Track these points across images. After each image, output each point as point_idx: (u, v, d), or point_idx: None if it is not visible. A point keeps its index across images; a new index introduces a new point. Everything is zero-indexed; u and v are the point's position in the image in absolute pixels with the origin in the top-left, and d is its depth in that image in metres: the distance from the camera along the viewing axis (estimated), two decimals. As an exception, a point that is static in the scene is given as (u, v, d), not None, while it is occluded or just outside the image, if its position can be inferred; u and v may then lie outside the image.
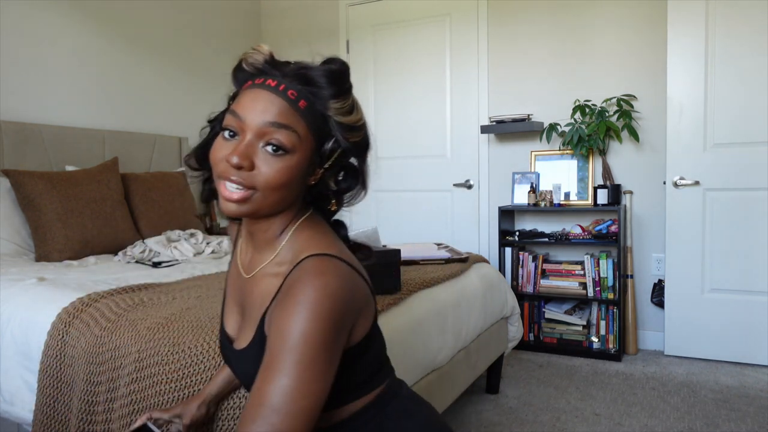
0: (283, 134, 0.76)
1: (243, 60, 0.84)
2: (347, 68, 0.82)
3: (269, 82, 0.79)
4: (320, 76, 0.80)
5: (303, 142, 0.78)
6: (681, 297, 3.00)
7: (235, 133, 0.78)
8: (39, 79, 2.85)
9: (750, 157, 2.85)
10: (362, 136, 0.84)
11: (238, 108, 0.78)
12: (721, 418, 2.28)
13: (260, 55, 0.84)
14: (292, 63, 0.83)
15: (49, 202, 2.42)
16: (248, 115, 0.77)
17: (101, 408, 1.34)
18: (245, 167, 0.76)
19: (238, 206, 0.78)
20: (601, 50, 3.26)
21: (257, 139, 0.77)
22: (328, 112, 0.80)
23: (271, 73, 0.81)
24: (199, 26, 3.80)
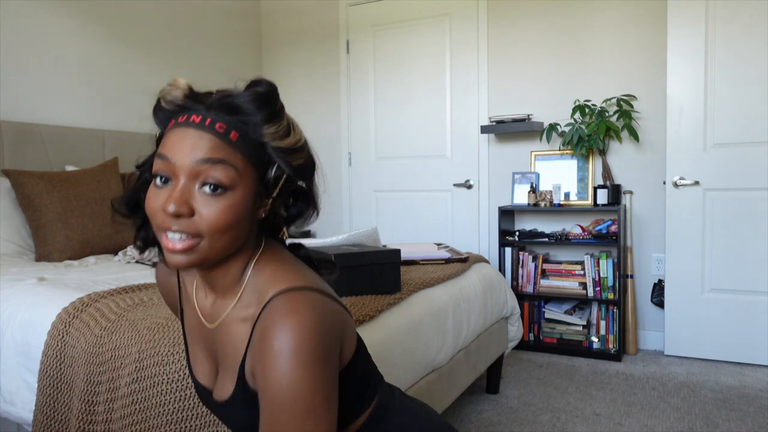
0: (219, 170, 0.70)
1: (161, 98, 0.76)
2: (275, 88, 0.76)
3: (194, 119, 0.72)
4: (247, 102, 0.73)
5: (243, 175, 0.72)
6: (681, 297, 3.01)
7: (167, 179, 0.71)
8: (39, 79, 2.85)
9: (750, 157, 2.85)
10: (305, 157, 0.78)
11: (165, 150, 0.71)
12: (721, 418, 2.28)
13: (178, 90, 0.76)
14: (215, 93, 0.76)
15: (49, 202, 2.42)
16: (177, 157, 0.70)
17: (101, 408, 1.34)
18: (184, 214, 0.69)
19: (186, 257, 0.71)
20: (601, 50, 3.26)
21: (192, 181, 0.70)
22: (263, 139, 0.73)
23: (194, 107, 0.74)
24: (199, 26, 3.80)
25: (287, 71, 4.26)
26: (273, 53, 4.32)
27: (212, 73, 3.91)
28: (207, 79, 3.91)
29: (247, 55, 4.22)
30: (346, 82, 4.04)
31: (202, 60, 3.82)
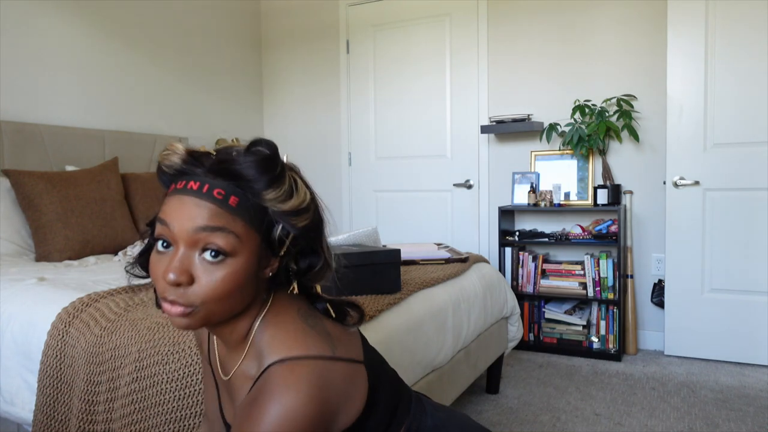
0: (219, 237, 0.69)
1: (162, 160, 0.75)
2: (275, 151, 0.73)
3: (191, 185, 0.71)
4: (247, 168, 0.70)
5: (244, 241, 0.70)
6: (681, 297, 3.01)
7: (168, 244, 0.71)
8: (39, 79, 2.85)
9: (750, 157, 2.85)
10: (311, 217, 0.75)
11: (165, 216, 0.71)
12: (721, 418, 2.28)
13: (175, 155, 0.73)
14: (214, 155, 0.73)
15: (49, 202, 2.42)
16: (176, 224, 0.69)
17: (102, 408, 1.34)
18: (183, 282, 0.69)
19: (185, 320, 0.71)
20: (601, 50, 3.26)
21: (191, 249, 0.69)
22: (264, 204, 0.72)
23: (192, 173, 0.72)
24: (199, 26, 3.80)
25: (287, 71, 4.26)
26: (273, 53, 4.32)
27: (212, 73, 3.91)
28: (207, 79, 3.92)
29: (247, 55, 4.22)
30: (346, 82, 4.04)
31: (202, 60, 3.82)
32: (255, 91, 4.31)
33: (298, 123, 4.24)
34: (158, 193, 2.95)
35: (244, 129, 4.19)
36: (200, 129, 3.82)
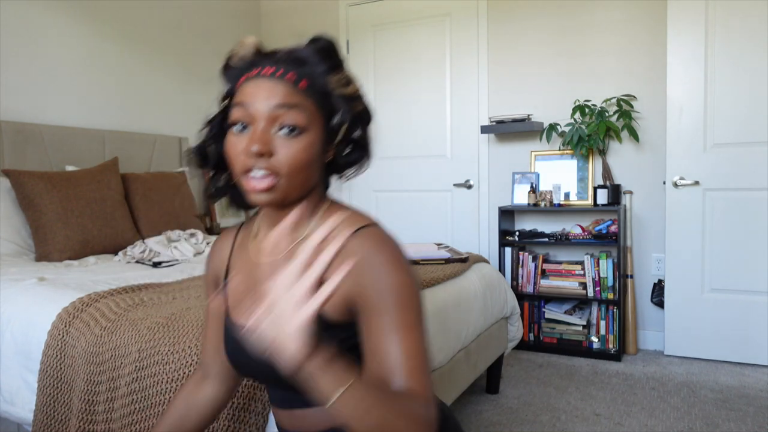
0: (294, 114, 0.77)
1: (231, 57, 0.84)
2: (335, 42, 0.84)
3: (266, 71, 0.79)
4: (312, 54, 0.80)
5: (313, 120, 0.79)
6: (681, 297, 3.01)
7: (245, 126, 0.79)
8: (39, 79, 2.85)
9: (750, 157, 2.85)
10: (363, 105, 0.85)
11: (242, 99, 0.79)
12: (721, 418, 2.28)
13: (249, 47, 0.83)
14: (279, 50, 0.83)
15: (49, 202, 2.42)
16: (255, 104, 0.77)
17: (102, 408, 1.34)
18: (266, 154, 0.76)
19: (268, 195, 0.78)
20: (601, 50, 3.26)
21: (270, 125, 0.77)
22: (327, 88, 0.81)
23: (263, 63, 0.80)
24: (199, 26, 3.80)
25: (287, 71, 4.26)
26: (273, 53, 4.31)
27: (212, 73, 3.90)
28: (207, 80, 3.93)
29: (247, 55, 4.22)
30: (346, 82, 4.03)
31: (202, 60, 3.82)
32: (255, 91, 4.31)
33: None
34: (158, 193, 2.95)
35: (244, 129, 4.19)
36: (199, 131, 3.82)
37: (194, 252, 2.58)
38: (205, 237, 2.80)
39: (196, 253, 2.58)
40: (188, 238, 2.72)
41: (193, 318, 1.41)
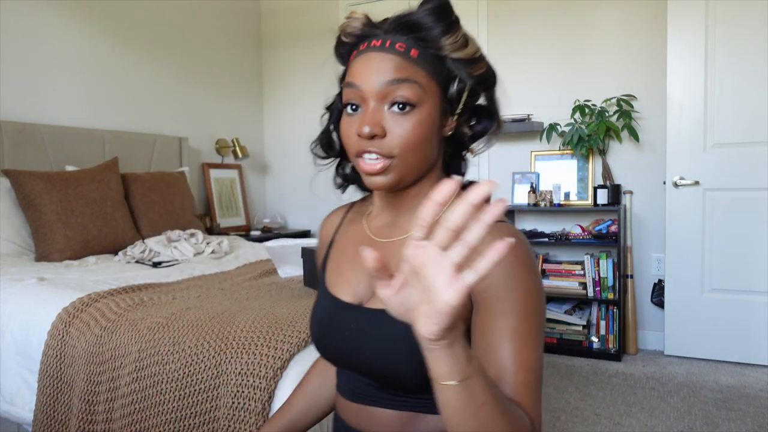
0: (405, 88, 0.72)
1: (341, 33, 0.79)
2: (448, 1, 0.76)
3: (374, 43, 0.75)
4: (424, 16, 0.74)
5: (427, 91, 0.73)
6: (681, 297, 3.00)
7: (357, 106, 0.75)
8: (39, 79, 2.85)
9: (750, 157, 2.85)
10: (485, 67, 0.77)
11: (351, 78, 0.75)
12: (721, 418, 2.28)
13: (356, 20, 0.78)
14: (390, 18, 0.78)
15: (49, 202, 2.42)
16: (364, 82, 0.73)
17: (102, 408, 1.34)
18: (378, 134, 0.72)
19: (384, 178, 0.74)
20: (601, 50, 3.26)
21: (381, 103, 0.73)
22: (442, 53, 0.74)
23: (373, 34, 0.76)
24: (199, 26, 3.80)
25: (287, 71, 4.26)
26: (273, 53, 4.32)
27: (212, 73, 3.91)
28: (207, 80, 3.92)
29: (247, 55, 4.22)
30: (346, 82, 4.03)
31: (202, 60, 3.82)
32: (255, 91, 4.31)
33: (298, 123, 4.24)
34: (158, 193, 2.95)
35: (244, 129, 4.19)
36: (200, 129, 3.82)
37: (194, 252, 2.58)
38: (205, 237, 2.80)
39: (196, 253, 2.58)
40: (188, 238, 2.72)
41: (193, 318, 1.41)
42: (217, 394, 1.19)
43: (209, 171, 3.82)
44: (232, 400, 1.16)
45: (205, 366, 1.22)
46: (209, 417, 1.18)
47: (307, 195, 4.23)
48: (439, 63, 0.75)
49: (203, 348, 1.25)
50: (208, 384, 1.20)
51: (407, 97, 0.72)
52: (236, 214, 3.96)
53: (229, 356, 1.21)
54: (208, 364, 1.22)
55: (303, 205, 4.27)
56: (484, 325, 0.69)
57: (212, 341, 1.27)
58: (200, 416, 1.19)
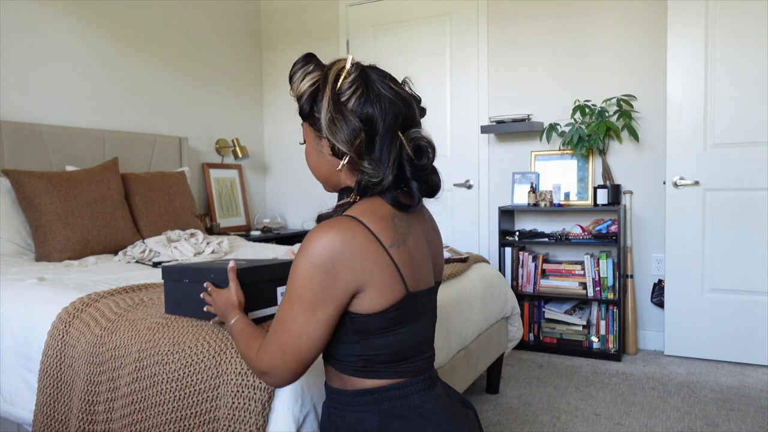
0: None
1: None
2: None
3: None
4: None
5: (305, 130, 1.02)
6: (681, 297, 3.01)
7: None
8: (39, 79, 2.85)
9: (750, 157, 2.85)
10: (301, 99, 1.00)
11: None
12: (721, 418, 2.28)
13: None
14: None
15: (49, 202, 2.42)
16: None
17: (102, 408, 1.34)
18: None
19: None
20: (601, 50, 3.26)
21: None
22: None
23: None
24: (199, 26, 3.80)
25: (287, 71, 4.25)
26: (273, 53, 4.32)
27: (212, 73, 3.91)
28: (207, 80, 3.93)
29: (247, 55, 4.22)
30: (346, 82, 4.03)
31: (202, 60, 3.82)
32: (255, 91, 4.32)
33: (298, 123, 4.23)
34: (158, 193, 2.95)
35: (244, 129, 4.19)
36: (200, 129, 3.82)
37: (194, 252, 2.58)
38: (205, 237, 2.80)
39: (196, 253, 2.58)
40: (188, 238, 2.72)
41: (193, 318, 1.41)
42: (217, 394, 1.19)
43: (209, 171, 3.82)
44: (232, 400, 1.16)
45: (205, 366, 1.22)
46: (209, 417, 1.18)
47: (306, 195, 4.23)
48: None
49: (203, 348, 1.25)
50: (208, 384, 1.20)
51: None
52: (236, 214, 3.96)
53: (229, 356, 1.21)
54: (208, 364, 1.22)
55: (303, 205, 4.27)
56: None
57: (212, 341, 1.27)
58: (200, 416, 1.19)
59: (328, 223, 0.89)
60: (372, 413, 0.92)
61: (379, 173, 0.91)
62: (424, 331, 0.99)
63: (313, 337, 0.88)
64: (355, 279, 0.87)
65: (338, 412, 0.96)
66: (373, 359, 0.92)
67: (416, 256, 0.95)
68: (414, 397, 0.94)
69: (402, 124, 0.95)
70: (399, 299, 0.91)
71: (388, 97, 0.94)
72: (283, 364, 0.90)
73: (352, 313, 0.90)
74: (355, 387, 0.94)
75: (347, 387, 0.95)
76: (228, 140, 3.97)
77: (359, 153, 0.92)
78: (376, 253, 0.88)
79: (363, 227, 0.89)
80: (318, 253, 0.86)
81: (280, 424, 1.14)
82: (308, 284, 0.86)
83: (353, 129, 0.90)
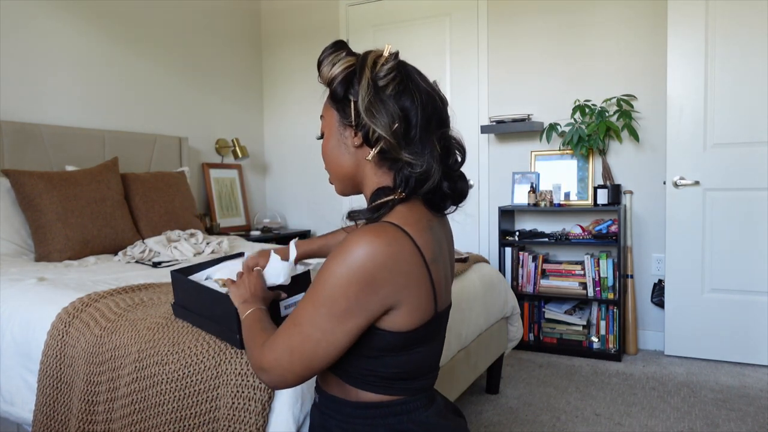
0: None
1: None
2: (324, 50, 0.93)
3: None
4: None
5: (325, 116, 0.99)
6: (681, 297, 3.00)
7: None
8: (39, 79, 2.85)
9: (750, 157, 2.85)
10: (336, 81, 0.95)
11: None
12: (721, 418, 2.28)
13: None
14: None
15: (49, 202, 2.42)
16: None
17: (101, 408, 1.34)
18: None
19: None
20: (601, 50, 3.26)
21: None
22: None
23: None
24: (199, 26, 3.80)
25: (287, 71, 4.26)
26: (273, 53, 4.32)
27: (212, 73, 3.91)
28: (207, 79, 3.92)
29: (247, 55, 4.22)
30: (346, 82, 4.03)
31: (202, 60, 3.82)
32: (255, 91, 4.31)
33: (298, 123, 4.24)
34: (158, 193, 2.95)
35: (244, 129, 4.19)
36: (200, 129, 3.82)
37: (194, 252, 2.58)
38: (205, 237, 2.80)
39: (196, 253, 2.58)
40: (188, 238, 2.72)
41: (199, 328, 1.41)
42: (217, 394, 1.19)
43: (209, 171, 3.82)
44: (232, 400, 1.16)
45: (205, 366, 1.22)
46: (209, 417, 1.18)
47: (306, 195, 4.23)
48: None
49: (203, 348, 1.25)
50: (208, 384, 1.20)
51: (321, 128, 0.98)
52: (236, 214, 3.96)
53: (229, 356, 1.21)
54: (208, 364, 1.22)
55: (303, 205, 4.27)
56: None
57: (212, 341, 1.27)
58: (200, 416, 1.19)
59: (373, 229, 0.82)
60: (377, 427, 0.90)
61: (421, 163, 0.86)
62: (436, 351, 0.96)
63: (333, 347, 0.83)
64: (393, 294, 0.82)
65: (335, 421, 0.93)
66: (384, 375, 0.89)
67: (445, 272, 0.93)
68: (419, 412, 0.92)
69: (437, 122, 0.92)
70: (429, 319, 0.87)
71: (425, 89, 0.91)
72: (289, 365, 0.84)
73: (380, 329, 0.85)
74: (359, 399, 0.90)
75: (350, 398, 0.91)
76: (228, 140, 3.97)
77: (398, 140, 0.85)
78: (417, 270, 0.84)
79: (408, 239, 0.83)
80: (361, 262, 0.79)
81: (280, 424, 1.14)
82: (343, 292, 0.80)
83: (392, 114, 0.85)
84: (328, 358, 0.84)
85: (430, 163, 0.86)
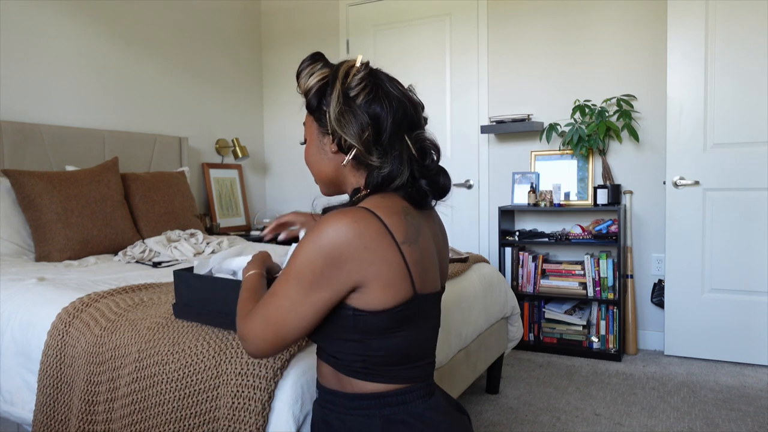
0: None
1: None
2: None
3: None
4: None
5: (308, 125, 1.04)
6: (681, 297, 3.01)
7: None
8: (39, 79, 2.85)
9: (750, 157, 2.85)
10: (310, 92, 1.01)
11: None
12: (721, 418, 2.28)
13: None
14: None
15: (49, 202, 2.42)
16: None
17: (101, 408, 1.34)
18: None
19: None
20: (601, 50, 3.26)
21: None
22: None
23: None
24: (199, 26, 3.80)
25: (287, 71, 4.26)
26: (273, 53, 4.32)
27: (212, 73, 3.91)
28: (207, 79, 3.92)
29: (247, 55, 4.22)
30: (346, 82, 4.03)
31: (202, 60, 3.82)
32: (255, 91, 4.31)
33: (298, 123, 4.24)
34: (158, 193, 2.95)
35: (244, 129, 4.19)
36: (200, 129, 3.82)
37: (194, 252, 2.58)
38: (205, 237, 2.80)
39: (196, 253, 2.58)
40: (188, 238, 2.72)
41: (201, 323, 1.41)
42: (217, 394, 1.19)
43: (209, 171, 3.82)
44: (232, 400, 1.16)
45: (205, 366, 1.22)
46: (209, 417, 1.18)
47: (306, 195, 4.23)
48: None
49: (203, 348, 1.25)
50: (208, 384, 1.20)
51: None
52: (236, 214, 3.96)
53: (229, 356, 1.21)
54: (208, 364, 1.22)
55: (303, 205, 4.27)
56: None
57: (212, 341, 1.27)
58: (200, 416, 1.19)
59: (341, 211, 0.88)
60: (373, 418, 0.91)
61: (387, 166, 0.93)
62: (425, 337, 0.98)
63: (300, 317, 0.88)
64: (359, 270, 0.86)
65: (334, 414, 0.95)
66: (372, 360, 0.91)
67: (426, 257, 0.94)
68: (415, 404, 0.93)
69: (408, 125, 0.97)
70: (406, 299, 0.89)
71: (396, 96, 0.97)
72: (263, 334, 0.90)
73: (356, 310, 0.88)
74: (354, 390, 0.93)
75: (345, 389, 0.94)
76: (228, 140, 3.97)
77: (367, 147, 0.92)
78: (386, 248, 0.87)
79: (377, 219, 0.88)
80: (327, 238, 0.85)
81: (280, 424, 1.14)
82: (309, 264, 0.86)
83: (361, 123, 0.91)
84: (296, 329, 0.89)
85: (395, 164, 0.93)
